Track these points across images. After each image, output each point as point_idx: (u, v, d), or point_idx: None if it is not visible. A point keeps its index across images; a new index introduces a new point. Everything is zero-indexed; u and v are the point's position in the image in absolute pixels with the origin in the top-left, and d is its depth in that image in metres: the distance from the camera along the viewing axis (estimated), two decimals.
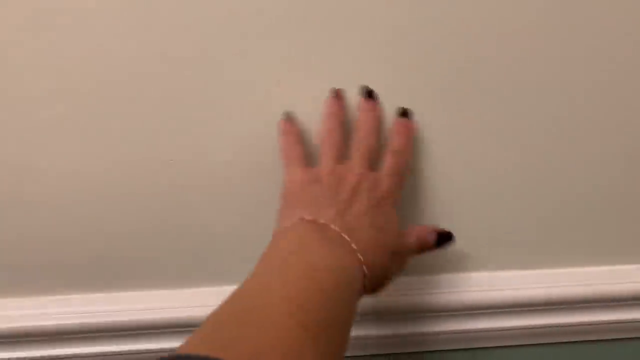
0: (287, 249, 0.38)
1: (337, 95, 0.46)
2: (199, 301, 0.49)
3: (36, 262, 0.50)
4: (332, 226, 0.39)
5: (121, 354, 0.51)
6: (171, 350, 0.30)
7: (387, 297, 0.49)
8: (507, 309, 0.51)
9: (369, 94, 0.46)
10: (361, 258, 0.39)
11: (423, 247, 0.46)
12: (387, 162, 0.45)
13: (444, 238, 0.47)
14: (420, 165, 0.48)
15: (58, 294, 0.51)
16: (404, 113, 0.46)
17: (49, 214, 0.48)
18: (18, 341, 0.50)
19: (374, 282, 0.41)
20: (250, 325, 0.31)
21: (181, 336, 0.48)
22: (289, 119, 0.46)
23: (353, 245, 0.39)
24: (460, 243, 0.49)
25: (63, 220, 0.48)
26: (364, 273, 0.39)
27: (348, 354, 0.48)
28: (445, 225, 0.48)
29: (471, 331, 0.52)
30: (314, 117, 0.46)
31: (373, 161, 0.45)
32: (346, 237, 0.39)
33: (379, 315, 0.51)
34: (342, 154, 0.45)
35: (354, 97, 0.46)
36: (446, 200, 0.50)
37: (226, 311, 0.33)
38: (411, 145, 0.46)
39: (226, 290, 0.36)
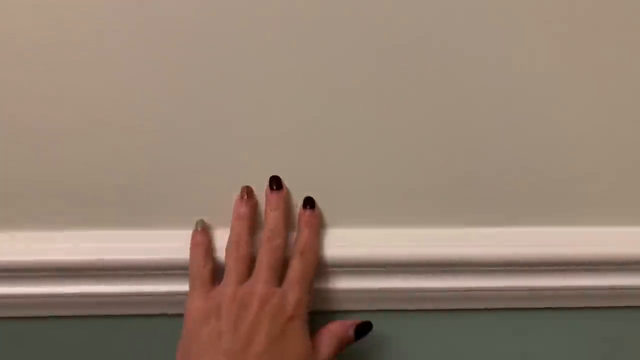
0: None
1: (247, 195, 0.45)
2: None
3: (70, 194, 0.48)
4: None
5: (157, 295, 0.49)
6: None
7: None
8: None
9: (275, 185, 0.45)
10: None
11: (343, 345, 0.45)
12: (294, 268, 0.44)
13: (364, 328, 0.46)
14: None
15: (90, 229, 0.49)
16: (309, 203, 0.46)
17: (78, 145, 0.46)
18: (48, 275, 0.48)
19: None
20: None
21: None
22: (203, 229, 0.45)
23: None
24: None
25: (94, 152, 0.46)
26: None
27: None
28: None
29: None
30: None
31: (279, 267, 0.44)
32: None
33: None
34: (249, 266, 0.44)
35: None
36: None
37: None
38: (318, 239, 0.46)
39: None
